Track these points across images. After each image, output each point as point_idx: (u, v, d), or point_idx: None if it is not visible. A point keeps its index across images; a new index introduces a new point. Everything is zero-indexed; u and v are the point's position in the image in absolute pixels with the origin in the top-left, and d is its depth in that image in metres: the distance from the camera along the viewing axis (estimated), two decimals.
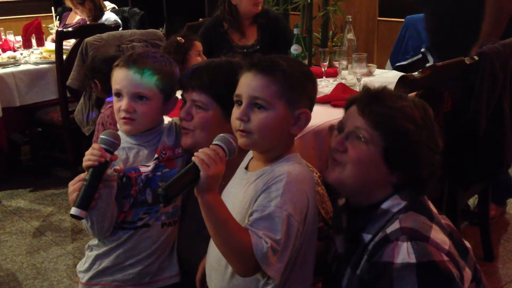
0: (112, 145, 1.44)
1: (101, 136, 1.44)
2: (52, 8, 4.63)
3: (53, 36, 4.44)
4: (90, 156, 1.41)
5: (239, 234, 1.19)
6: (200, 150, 1.21)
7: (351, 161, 1.29)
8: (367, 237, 1.29)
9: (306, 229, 1.27)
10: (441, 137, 1.33)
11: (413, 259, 1.18)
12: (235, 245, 1.19)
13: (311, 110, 1.33)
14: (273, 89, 1.27)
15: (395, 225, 1.24)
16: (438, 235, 1.24)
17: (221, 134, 1.27)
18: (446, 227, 1.32)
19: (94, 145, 1.43)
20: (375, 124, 1.27)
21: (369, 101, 1.30)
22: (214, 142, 1.26)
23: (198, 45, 2.78)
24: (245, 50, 3.18)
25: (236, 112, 1.31)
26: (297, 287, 1.32)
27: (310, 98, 1.33)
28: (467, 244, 1.38)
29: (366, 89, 1.35)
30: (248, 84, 1.29)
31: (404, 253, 1.19)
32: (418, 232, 1.22)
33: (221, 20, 3.18)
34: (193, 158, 1.20)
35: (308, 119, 1.31)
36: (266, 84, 1.27)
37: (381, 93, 1.32)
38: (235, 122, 1.30)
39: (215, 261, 1.35)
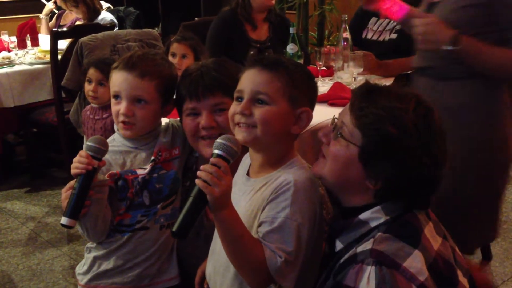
0: (99, 151, 1.42)
1: (88, 143, 1.42)
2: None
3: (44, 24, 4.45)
4: (77, 164, 1.39)
5: (253, 248, 1.18)
6: (202, 168, 1.15)
7: (329, 155, 1.23)
8: (339, 245, 1.22)
9: (316, 234, 1.26)
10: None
11: (372, 285, 1.06)
12: (250, 259, 1.18)
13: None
14: (277, 85, 1.26)
15: (367, 245, 1.13)
16: (415, 264, 1.09)
17: (217, 140, 1.21)
18: (439, 253, 1.17)
19: (81, 152, 1.41)
20: (358, 122, 1.17)
21: (360, 97, 1.20)
22: (213, 151, 1.19)
23: (175, 47, 2.65)
24: (258, 45, 3.19)
25: (236, 107, 1.29)
26: None
27: (311, 100, 1.33)
28: (461, 279, 1.19)
29: (364, 84, 1.25)
30: (251, 79, 1.28)
31: (366, 278, 1.08)
32: (387, 258, 1.09)
33: (236, 12, 3.18)
34: (196, 181, 1.15)
35: (309, 118, 1.31)
36: (270, 79, 1.27)
37: (378, 90, 1.20)
38: (234, 117, 1.28)
39: (222, 268, 1.32)
